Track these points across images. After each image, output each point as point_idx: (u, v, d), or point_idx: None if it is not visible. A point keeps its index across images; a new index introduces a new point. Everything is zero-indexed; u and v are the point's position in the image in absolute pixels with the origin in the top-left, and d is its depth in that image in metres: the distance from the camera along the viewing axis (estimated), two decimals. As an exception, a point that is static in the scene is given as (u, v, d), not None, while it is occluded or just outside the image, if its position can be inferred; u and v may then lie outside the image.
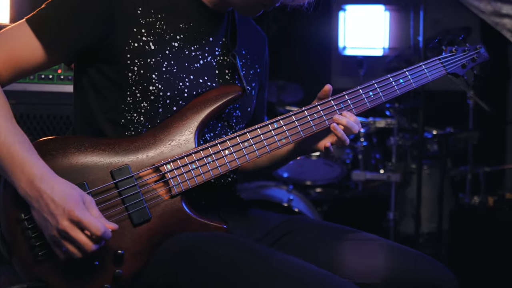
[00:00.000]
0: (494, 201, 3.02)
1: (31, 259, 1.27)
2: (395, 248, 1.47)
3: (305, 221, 1.61)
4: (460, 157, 4.45)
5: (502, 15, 4.81)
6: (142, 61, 1.40)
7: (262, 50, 1.74)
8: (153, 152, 1.37)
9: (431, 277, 1.41)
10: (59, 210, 1.20)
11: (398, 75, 1.58)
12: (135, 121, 1.42)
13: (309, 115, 1.49)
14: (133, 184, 1.33)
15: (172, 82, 1.42)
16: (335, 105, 1.52)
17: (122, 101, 1.42)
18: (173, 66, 1.43)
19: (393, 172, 3.62)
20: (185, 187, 1.36)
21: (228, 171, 1.41)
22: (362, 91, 1.54)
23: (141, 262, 1.31)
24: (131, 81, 1.40)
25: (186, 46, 1.46)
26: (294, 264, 1.24)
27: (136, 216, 1.31)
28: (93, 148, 1.34)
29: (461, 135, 3.97)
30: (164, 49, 1.43)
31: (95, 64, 1.43)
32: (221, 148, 1.41)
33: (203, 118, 1.42)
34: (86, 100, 1.47)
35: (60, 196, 1.20)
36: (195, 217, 1.37)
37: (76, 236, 1.19)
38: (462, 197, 4.05)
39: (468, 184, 4.04)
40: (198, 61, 1.48)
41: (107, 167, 1.33)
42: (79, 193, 1.23)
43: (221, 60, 1.54)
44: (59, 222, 1.19)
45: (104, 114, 1.44)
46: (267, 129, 1.45)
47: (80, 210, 1.20)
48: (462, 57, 1.68)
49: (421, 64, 1.61)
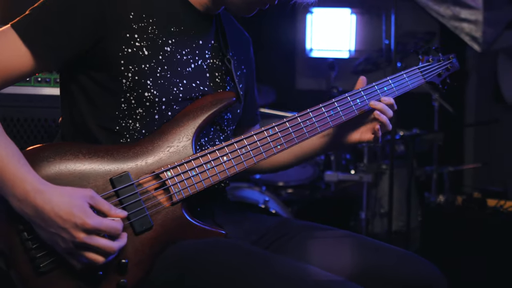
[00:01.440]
0: (463, 200, 3.13)
1: (31, 271, 1.24)
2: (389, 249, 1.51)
3: (298, 223, 1.63)
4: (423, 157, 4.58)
5: (461, 20, 4.97)
6: (136, 67, 1.39)
7: (247, 51, 1.76)
8: (152, 158, 1.37)
9: (421, 276, 1.44)
10: (69, 224, 1.18)
11: (382, 83, 1.63)
12: (130, 128, 1.41)
13: (302, 122, 1.52)
14: (134, 191, 1.32)
15: (167, 88, 1.42)
16: (325, 111, 1.55)
17: (116, 108, 1.40)
18: (166, 71, 1.43)
19: (365, 173, 3.70)
20: (185, 194, 1.37)
21: (227, 177, 1.42)
22: (350, 98, 1.58)
23: (144, 271, 1.31)
24: (125, 87, 1.39)
25: (178, 50, 1.46)
26: (297, 268, 1.27)
27: (138, 224, 1.31)
28: (91, 155, 1.32)
29: (427, 136, 4.08)
30: (157, 54, 1.42)
31: (85, 70, 1.41)
32: (220, 155, 1.42)
33: (200, 124, 1.43)
34: (76, 106, 1.44)
35: (65, 210, 1.19)
36: (196, 224, 1.38)
37: (97, 243, 1.20)
38: (428, 196, 4.17)
39: (434, 184, 4.17)
40: (189, 65, 1.48)
41: (106, 174, 1.32)
42: (81, 196, 1.21)
43: (211, 63, 1.55)
44: (75, 236, 1.18)
45: (96, 121, 1.42)
46: (263, 136, 1.47)
47: (92, 218, 1.19)
48: (437, 66, 1.74)
49: (402, 73, 1.67)
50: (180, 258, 1.32)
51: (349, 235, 1.57)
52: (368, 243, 1.53)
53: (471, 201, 3.07)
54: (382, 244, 1.54)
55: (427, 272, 1.47)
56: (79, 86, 1.43)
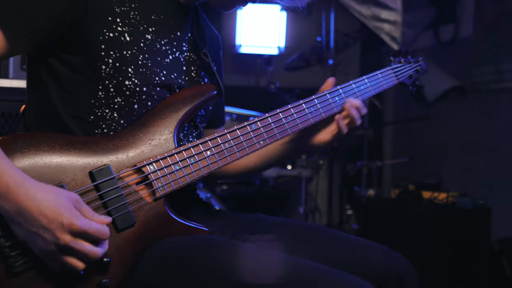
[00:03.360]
0: (399, 193, 3.24)
1: (4, 272, 1.13)
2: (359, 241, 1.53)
3: (270, 219, 1.61)
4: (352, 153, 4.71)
5: (381, 20, 5.17)
6: (117, 53, 1.31)
7: (218, 50, 1.73)
8: (133, 151, 1.29)
9: (393, 266, 1.47)
10: (55, 224, 1.08)
11: (359, 81, 1.65)
12: (107, 117, 1.33)
13: (284, 117, 1.50)
14: (115, 186, 1.24)
15: (148, 77, 1.35)
16: (306, 108, 1.54)
17: (92, 96, 1.31)
18: (148, 59, 1.36)
19: (304, 168, 3.75)
20: (169, 189, 1.31)
21: (210, 173, 1.37)
22: (329, 96, 1.59)
23: (127, 270, 1.24)
24: (104, 74, 1.30)
25: (157, 39, 1.40)
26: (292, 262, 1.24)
27: (120, 220, 1.23)
28: (68, 147, 1.22)
29: (358, 132, 4.19)
30: (139, 41, 1.35)
31: (60, 54, 1.31)
32: (203, 149, 1.37)
33: (182, 117, 1.37)
34: (46, 94, 1.34)
35: (52, 209, 1.08)
36: (179, 221, 1.32)
37: (82, 248, 1.10)
38: (358, 190, 4.30)
39: (364, 178, 4.30)
40: (168, 56, 1.43)
41: (85, 167, 1.22)
42: (67, 197, 1.12)
43: (188, 57, 1.50)
44: (59, 238, 1.08)
45: (69, 110, 1.32)
46: (246, 130, 1.43)
47: (79, 219, 1.10)
48: (408, 68, 1.79)
49: (377, 73, 1.70)
50: (164, 256, 1.26)
51: (320, 229, 1.58)
52: (337, 235, 1.55)
53: (407, 193, 3.19)
54: (351, 237, 1.56)
55: (398, 263, 1.49)
56: (50, 71, 1.32)
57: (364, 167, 4.29)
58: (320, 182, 3.88)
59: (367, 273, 1.43)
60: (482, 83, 4.56)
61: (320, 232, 1.56)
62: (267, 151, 1.67)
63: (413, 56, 1.82)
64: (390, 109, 5.82)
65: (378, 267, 1.45)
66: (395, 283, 1.46)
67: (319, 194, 3.89)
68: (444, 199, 3.18)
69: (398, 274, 1.46)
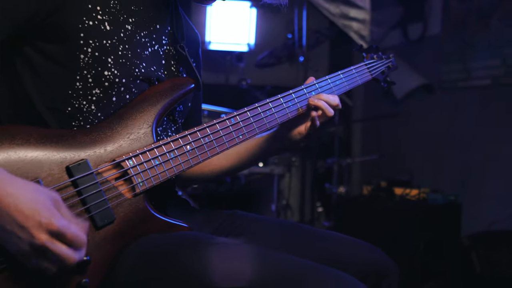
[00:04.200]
0: (372, 190, 3.26)
1: None
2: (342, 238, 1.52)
3: (248, 216, 1.60)
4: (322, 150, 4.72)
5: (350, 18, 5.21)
6: (97, 42, 1.27)
7: (197, 46, 1.70)
8: (112, 146, 1.25)
9: (376, 263, 1.46)
10: (32, 222, 1.01)
11: (335, 77, 1.65)
12: (84, 110, 1.28)
13: (262, 112, 1.48)
14: (94, 181, 1.20)
15: (128, 68, 1.32)
16: (284, 102, 1.53)
17: (69, 86, 1.27)
18: (128, 50, 1.32)
19: (277, 165, 3.73)
20: (149, 184, 1.27)
21: (190, 167, 1.34)
22: (306, 90, 1.58)
23: (107, 269, 1.20)
24: (82, 64, 1.26)
25: (137, 31, 1.36)
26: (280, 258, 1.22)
27: (100, 217, 1.19)
28: (44, 140, 1.17)
29: (329, 129, 4.21)
30: (119, 31, 1.31)
31: (35, 43, 1.26)
32: (183, 143, 1.33)
33: (160, 110, 1.34)
34: (19, 84, 1.29)
35: (29, 206, 1.02)
36: (159, 217, 1.29)
37: (57, 250, 1.03)
38: (329, 187, 4.31)
39: (335, 175, 4.31)
40: (147, 48, 1.39)
41: (62, 162, 1.17)
42: (46, 195, 1.06)
43: (167, 50, 1.47)
44: (34, 237, 1.01)
45: (44, 100, 1.27)
46: (225, 125, 1.41)
47: (58, 219, 1.03)
48: (381, 64, 1.80)
49: (351, 68, 1.70)
50: (146, 253, 1.22)
51: (300, 226, 1.57)
52: (319, 232, 1.54)
53: (379, 190, 3.21)
54: (334, 233, 1.55)
55: (381, 260, 1.48)
56: (25, 60, 1.27)
57: (335, 164, 4.31)
58: (292, 179, 3.87)
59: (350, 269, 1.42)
60: (451, 81, 4.63)
61: (301, 229, 1.54)
62: (243, 150, 1.65)
63: (383, 53, 1.83)
64: (360, 106, 5.86)
65: (362, 263, 1.44)
66: (376, 279, 1.45)
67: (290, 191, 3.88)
68: (416, 195, 3.21)
69: (381, 271, 1.46)
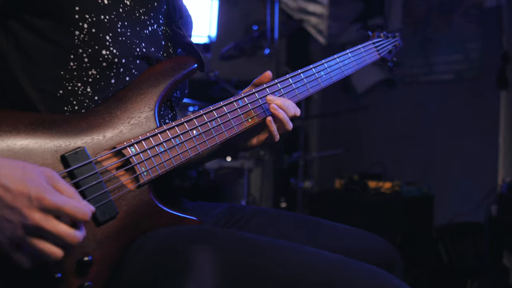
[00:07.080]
0: (345, 183, 3.20)
1: None
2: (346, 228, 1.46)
3: (248, 208, 1.51)
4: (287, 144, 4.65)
5: (308, 13, 5.18)
6: (94, 17, 1.12)
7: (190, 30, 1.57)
8: (111, 132, 1.11)
9: (382, 253, 1.41)
10: (21, 201, 0.87)
11: (343, 55, 1.55)
12: (79, 92, 1.14)
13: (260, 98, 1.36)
14: (93, 171, 1.05)
15: (128, 47, 1.18)
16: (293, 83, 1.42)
17: (62, 66, 1.12)
18: (126, 28, 1.18)
19: (247, 159, 3.62)
20: (154, 174, 1.14)
21: (197, 154, 1.21)
22: (315, 70, 1.47)
23: (111, 269, 1.05)
24: (77, 41, 1.12)
25: (136, 7, 1.22)
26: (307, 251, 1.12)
27: (101, 212, 1.05)
28: (34, 127, 1.02)
29: (295, 124, 4.13)
30: (117, 6, 1.17)
31: (25, 17, 1.11)
32: (189, 128, 1.21)
33: (162, 92, 1.20)
34: (5, 65, 1.13)
35: (16, 183, 0.88)
36: (166, 210, 1.15)
37: (55, 229, 0.89)
38: (295, 182, 4.24)
39: (301, 170, 4.25)
40: (147, 27, 1.26)
41: (56, 150, 1.02)
42: (38, 171, 0.91)
43: (164, 31, 1.34)
44: (27, 217, 0.87)
45: (33, 82, 1.12)
46: (232, 107, 1.29)
47: (51, 194, 0.89)
48: (388, 43, 1.71)
49: (359, 47, 1.61)
50: (153, 251, 1.09)
51: (303, 217, 1.48)
52: (323, 223, 1.47)
53: (352, 183, 3.15)
54: (337, 224, 1.48)
55: (387, 249, 1.44)
56: (11, 37, 1.12)
57: (301, 159, 4.24)
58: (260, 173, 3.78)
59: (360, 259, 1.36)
60: (412, 76, 4.65)
61: (305, 219, 1.46)
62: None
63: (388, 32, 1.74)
64: (319, 101, 5.83)
65: (370, 253, 1.39)
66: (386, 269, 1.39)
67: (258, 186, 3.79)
68: (390, 188, 3.18)
69: (388, 260, 1.41)
